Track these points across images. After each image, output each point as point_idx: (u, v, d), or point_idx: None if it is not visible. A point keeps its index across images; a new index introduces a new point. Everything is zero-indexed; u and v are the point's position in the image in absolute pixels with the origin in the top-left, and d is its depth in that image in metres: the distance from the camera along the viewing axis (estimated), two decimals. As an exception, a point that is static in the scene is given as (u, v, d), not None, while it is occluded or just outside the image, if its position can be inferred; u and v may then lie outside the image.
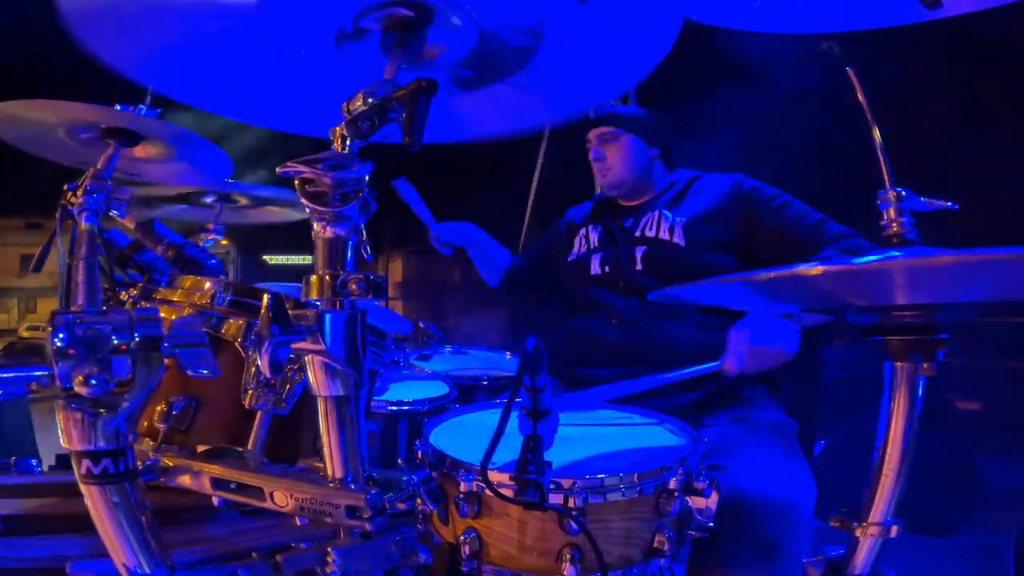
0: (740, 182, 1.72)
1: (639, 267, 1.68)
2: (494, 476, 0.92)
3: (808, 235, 1.60)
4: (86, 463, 0.60)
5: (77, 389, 0.56)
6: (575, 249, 1.86)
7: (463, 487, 0.95)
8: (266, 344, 0.67)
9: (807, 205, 1.66)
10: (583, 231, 1.87)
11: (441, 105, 1.05)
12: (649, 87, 1.14)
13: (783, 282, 0.81)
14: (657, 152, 1.83)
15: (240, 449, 0.92)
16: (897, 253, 0.79)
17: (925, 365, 0.84)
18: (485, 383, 1.99)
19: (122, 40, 0.86)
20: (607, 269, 1.73)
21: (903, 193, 0.90)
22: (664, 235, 1.68)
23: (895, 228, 0.89)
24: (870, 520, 0.89)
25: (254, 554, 0.80)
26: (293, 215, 2.26)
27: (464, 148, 1.18)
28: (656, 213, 1.73)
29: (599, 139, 1.82)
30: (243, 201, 2.22)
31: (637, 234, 1.72)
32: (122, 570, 0.65)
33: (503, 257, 2.20)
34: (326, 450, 0.78)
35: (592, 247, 1.81)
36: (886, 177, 0.93)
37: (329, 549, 0.76)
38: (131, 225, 1.28)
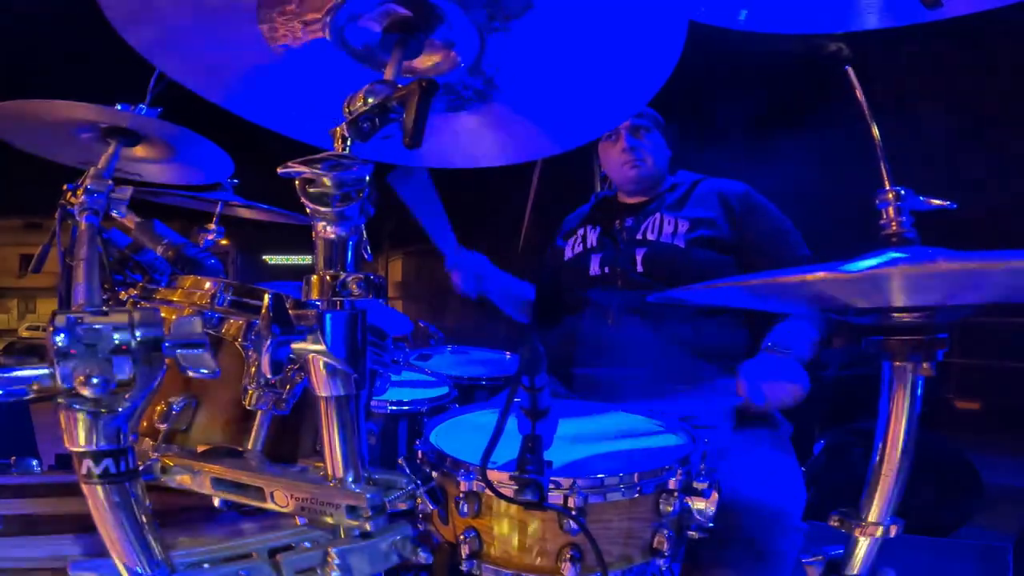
0: (747, 194, 1.73)
1: (640, 269, 1.68)
2: (494, 475, 0.92)
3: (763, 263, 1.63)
4: (87, 463, 0.60)
5: (78, 389, 0.56)
6: (572, 249, 1.86)
7: (463, 486, 0.95)
8: (267, 344, 0.67)
9: (800, 237, 1.69)
10: (580, 231, 1.87)
11: (444, 129, 1.06)
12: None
13: (783, 286, 0.81)
14: (671, 154, 1.86)
15: (240, 449, 0.92)
16: (897, 254, 0.79)
17: (924, 365, 0.84)
18: (485, 383, 1.99)
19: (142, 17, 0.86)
20: (607, 270, 1.73)
21: (902, 192, 0.90)
22: (666, 238, 1.69)
23: (894, 228, 0.89)
24: (869, 520, 0.89)
25: (254, 554, 0.80)
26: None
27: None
28: (659, 216, 1.73)
29: (631, 130, 1.80)
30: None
31: (639, 236, 1.73)
32: (123, 570, 0.65)
33: (523, 289, 2.06)
34: (326, 450, 0.78)
35: (590, 247, 1.81)
36: (885, 176, 0.93)
37: (330, 549, 0.76)
38: (131, 225, 1.28)
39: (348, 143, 0.76)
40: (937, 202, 0.92)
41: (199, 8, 0.85)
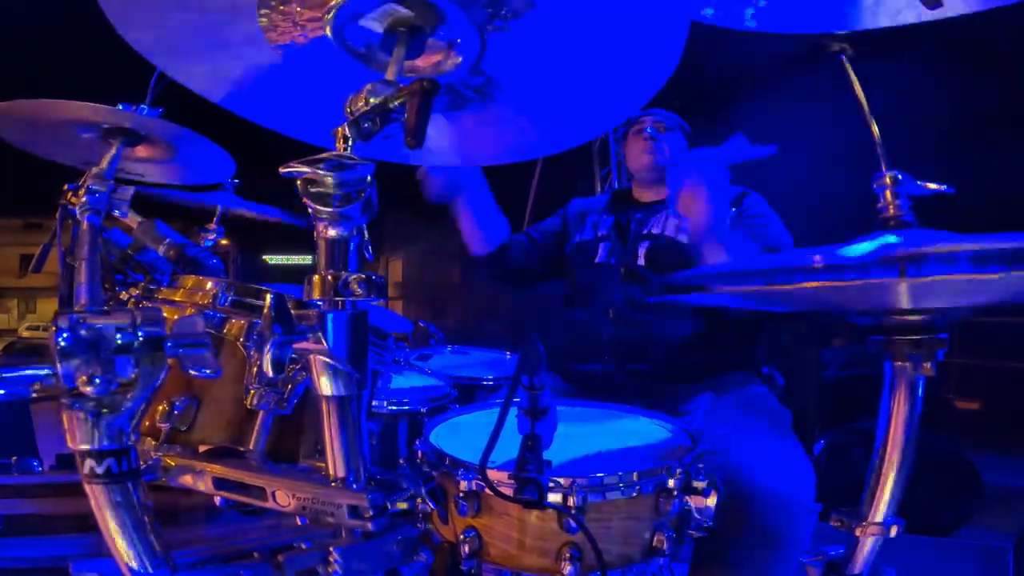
0: (742, 194, 1.77)
1: (641, 261, 1.72)
2: (493, 475, 0.92)
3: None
4: (89, 462, 0.60)
5: (81, 389, 0.56)
6: (582, 233, 1.89)
7: (463, 486, 0.95)
8: (268, 344, 0.68)
9: (787, 236, 1.69)
10: (593, 218, 1.90)
11: (441, 128, 1.06)
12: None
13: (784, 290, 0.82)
14: None
15: (242, 449, 0.92)
16: (894, 238, 0.79)
17: (925, 365, 0.84)
18: (488, 383, 1.99)
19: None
20: (612, 261, 1.77)
21: (899, 176, 0.90)
22: (669, 232, 1.73)
23: (891, 211, 0.88)
24: (870, 520, 0.89)
25: (256, 554, 0.80)
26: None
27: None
28: (665, 213, 1.78)
29: (654, 123, 1.88)
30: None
31: (644, 231, 1.77)
32: (124, 570, 0.65)
33: (501, 226, 1.94)
34: (328, 450, 0.78)
35: (599, 235, 1.84)
36: (882, 161, 0.93)
37: (331, 549, 0.76)
38: (133, 225, 1.28)
39: (349, 143, 0.77)
40: (934, 186, 0.92)
41: (199, 8, 0.85)
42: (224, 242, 2.08)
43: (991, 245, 0.62)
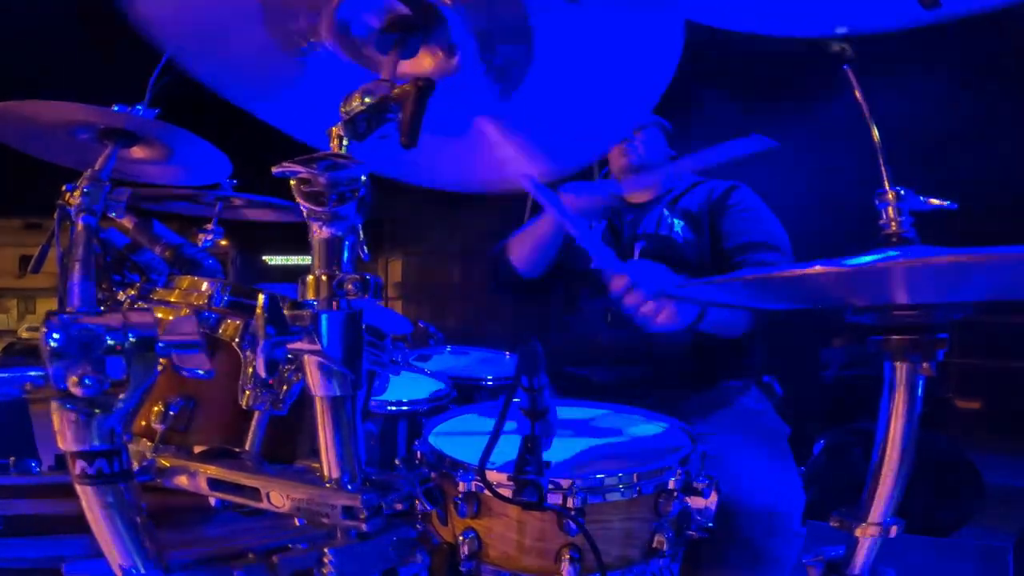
0: (731, 187, 1.74)
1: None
2: (493, 476, 0.92)
3: (724, 255, 1.61)
4: (80, 463, 0.60)
5: (71, 389, 0.55)
6: None
7: (462, 487, 0.95)
8: (261, 344, 0.67)
9: (780, 232, 1.65)
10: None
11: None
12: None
13: (782, 281, 0.81)
14: (674, 153, 1.88)
15: (237, 450, 0.92)
16: (895, 253, 0.79)
17: (924, 365, 0.84)
18: (488, 383, 1.99)
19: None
20: None
21: (902, 192, 0.90)
22: (663, 231, 1.72)
23: (894, 227, 0.89)
24: (870, 520, 0.88)
25: (251, 555, 0.80)
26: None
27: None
28: (657, 212, 1.76)
29: None
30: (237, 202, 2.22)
31: (639, 231, 1.76)
32: (117, 571, 0.65)
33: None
34: (323, 450, 0.78)
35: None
36: (885, 176, 0.93)
37: (326, 550, 0.76)
38: (129, 225, 1.28)
39: (344, 143, 0.76)
40: (936, 202, 0.92)
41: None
42: (223, 243, 2.07)
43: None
